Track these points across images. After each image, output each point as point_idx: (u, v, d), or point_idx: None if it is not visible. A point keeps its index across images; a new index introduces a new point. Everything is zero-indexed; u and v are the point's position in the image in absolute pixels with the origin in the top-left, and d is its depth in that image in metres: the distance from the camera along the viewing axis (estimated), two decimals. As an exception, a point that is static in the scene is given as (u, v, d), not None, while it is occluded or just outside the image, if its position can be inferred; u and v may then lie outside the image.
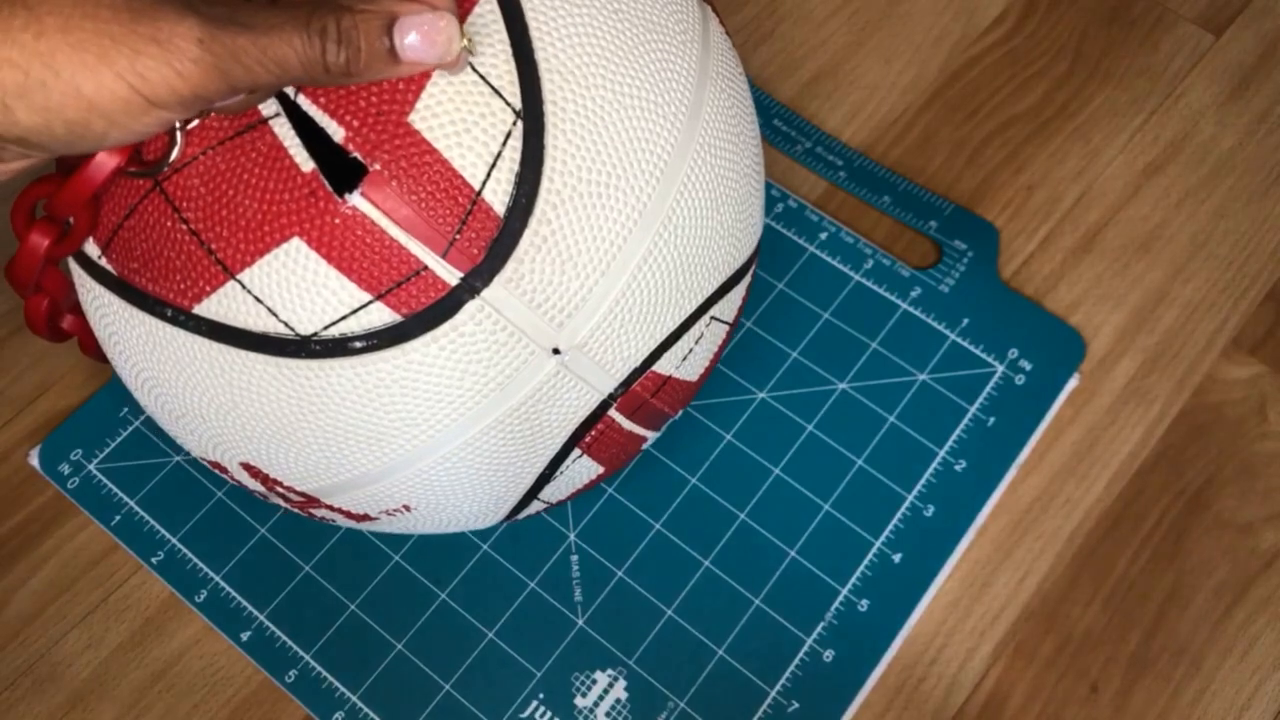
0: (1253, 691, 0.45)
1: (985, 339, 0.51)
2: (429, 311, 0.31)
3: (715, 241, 0.36)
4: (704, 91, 0.35)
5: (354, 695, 0.45)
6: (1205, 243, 0.54)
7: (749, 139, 0.38)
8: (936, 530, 0.47)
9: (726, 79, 0.37)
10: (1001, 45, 0.60)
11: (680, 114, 0.34)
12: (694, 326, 0.37)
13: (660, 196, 0.34)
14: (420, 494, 0.36)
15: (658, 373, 0.37)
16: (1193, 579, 0.47)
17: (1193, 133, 0.57)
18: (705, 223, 0.35)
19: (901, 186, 0.56)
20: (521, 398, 0.34)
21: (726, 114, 0.36)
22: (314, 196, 0.30)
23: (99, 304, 0.35)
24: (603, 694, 0.45)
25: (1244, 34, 0.60)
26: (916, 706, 0.45)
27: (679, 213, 0.34)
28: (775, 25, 0.61)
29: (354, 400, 0.32)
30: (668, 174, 0.34)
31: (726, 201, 0.36)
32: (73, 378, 0.51)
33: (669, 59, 0.34)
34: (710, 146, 0.35)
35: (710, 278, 0.37)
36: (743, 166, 0.37)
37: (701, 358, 0.40)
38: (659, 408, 0.39)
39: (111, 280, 0.34)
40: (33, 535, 0.48)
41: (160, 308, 0.33)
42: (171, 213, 0.32)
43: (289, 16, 0.27)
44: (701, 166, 0.35)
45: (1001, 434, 0.49)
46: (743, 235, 0.38)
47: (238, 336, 0.32)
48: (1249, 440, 0.50)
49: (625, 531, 0.47)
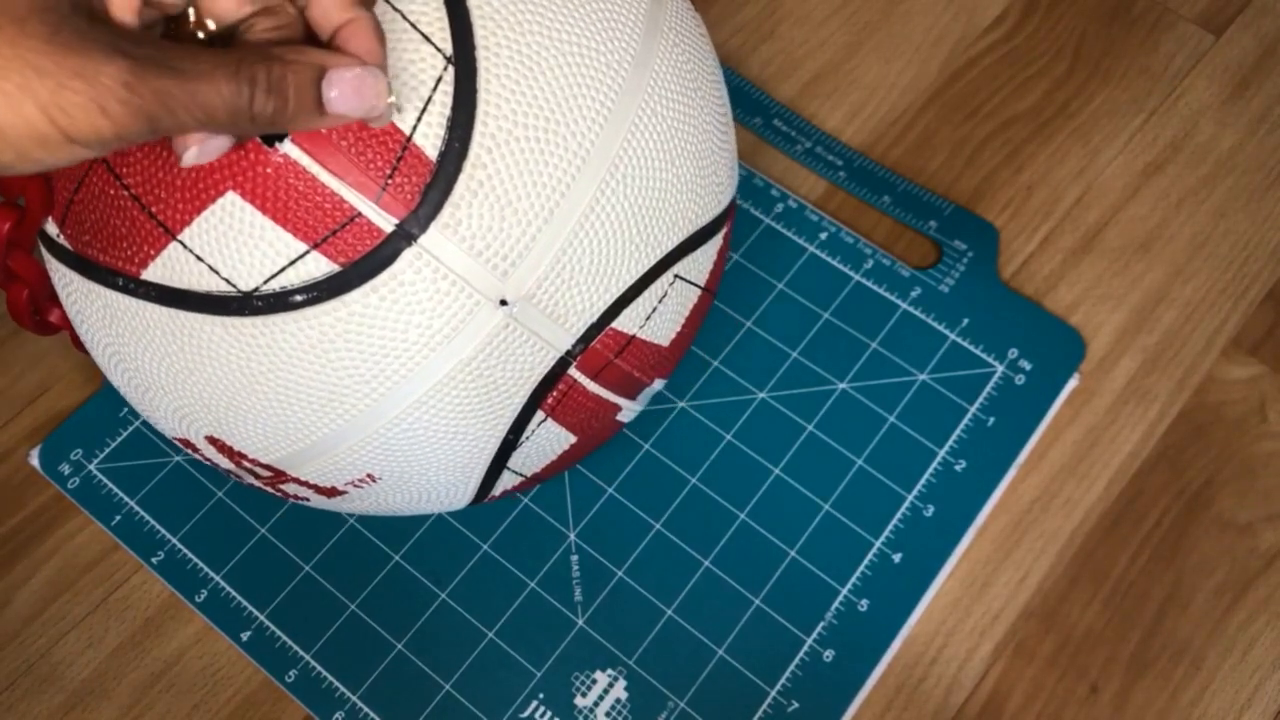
0: (1253, 691, 0.45)
1: (985, 339, 0.51)
2: (366, 260, 0.31)
3: (672, 195, 0.36)
4: (654, 42, 0.35)
5: (354, 695, 0.45)
6: (1205, 243, 0.54)
7: (709, 96, 0.38)
8: (936, 530, 0.47)
9: (681, 34, 0.37)
10: (1001, 45, 0.60)
11: (624, 63, 0.34)
12: (655, 283, 0.37)
13: (604, 144, 0.34)
14: (382, 461, 0.36)
15: (619, 330, 0.37)
16: (1193, 579, 0.47)
17: (1193, 133, 0.57)
18: (658, 174, 0.35)
19: (901, 186, 0.56)
20: (471, 351, 0.34)
21: (680, 68, 0.37)
22: (244, 148, 0.31)
23: (64, 283, 0.36)
24: (603, 694, 0.45)
25: (1244, 34, 0.60)
26: (916, 706, 0.45)
27: (626, 161, 0.34)
28: (775, 25, 0.61)
29: (301, 357, 0.33)
30: (611, 122, 0.34)
31: (683, 155, 0.36)
32: (73, 378, 0.51)
33: (613, 9, 0.34)
34: (661, 98, 0.35)
35: (669, 232, 0.37)
36: (701, 122, 0.37)
37: (669, 319, 0.39)
38: (628, 371, 0.39)
39: (70, 257, 0.34)
40: (33, 535, 0.48)
41: (112, 278, 0.33)
42: (114, 180, 0.32)
43: (219, 63, 0.27)
44: (651, 117, 0.35)
45: (1001, 434, 0.49)
46: (705, 191, 0.38)
47: (184, 299, 0.32)
48: (1249, 440, 0.50)
49: (625, 531, 0.47)
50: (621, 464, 0.49)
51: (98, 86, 0.25)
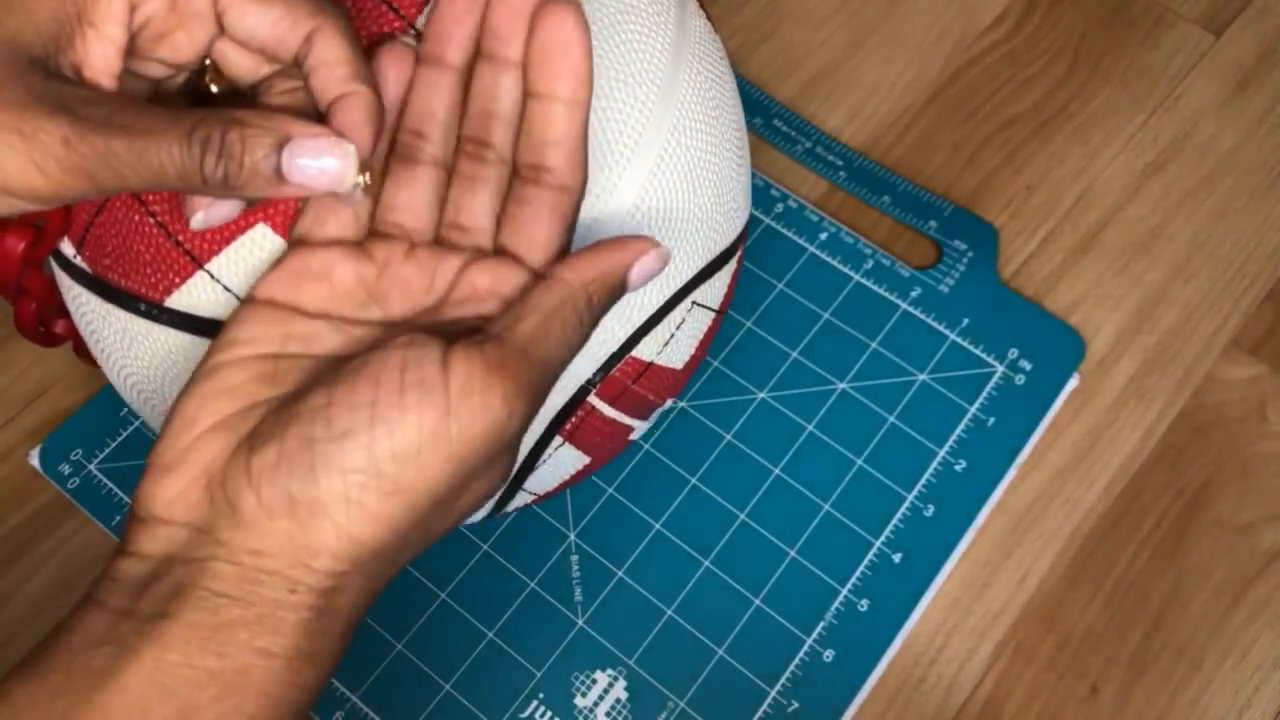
0: (1253, 692, 0.45)
1: (985, 339, 0.51)
2: None
3: (693, 226, 0.36)
4: (678, 74, 0.35)
5: (354, 695, 0.45)
6: (1205, 243, 0.54)
7: (729, 123, 0.38)
8: (936, 530, 0.47)
9: (704, 61, 0.37)
10: (1002, 45, 0.60)
11: (651, 96, 0.34)
12: (673, 312, 0.37)
13: (630, 180, 0.33)
14: None
15: (638, 358, 0.37)
16: (1193, 579, 0.47)
17: (1193, 133, 0.57)
18: (681, 207, 0.35)
19: (901, 186, 0.56)
20: None
21: (703, 97, 0.36)
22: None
23: (79, 303, 0.35)
24: (603, 694, 0.45)
25: (1244, 34, 0.60)
26: (916, 706, 0.45)
27: (651, 196, 0.34)
28: (775, 25, 0.61)
29: None
30: (638, 156, 0.34)
31: (704, 185, 0.36)
32: (73, 378, 0.51)
33: (641, 41, 0.34)
34: (685, 129, 0.35)
35: (689, 262, 0.37)
36: (722, 150, 0.37)
37: (685, 345, 0.39)
38: (643, 395, 0.39)
39: (87, 278, 0.34)
40: (33, 535, 0.48)
41: (134, 303, 0.33)
42: (138, 206, 0.32)
43: (172, 123, 0.26)
44: (676, 149, 0.35)
45: (1001, 434, 0.49)
46: (724, 220, 0.38)
47: (211, 327, 0.32)
48: (1249, 440, 0.50)
49: (625, 531, 0.47)
50: (621, 464, 0.49)
51: (34, 143, 0.25)
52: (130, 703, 0.25)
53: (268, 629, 0.26)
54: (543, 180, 0.30)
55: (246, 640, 0.25)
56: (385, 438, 0.25)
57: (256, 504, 0.26)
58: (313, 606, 0.26)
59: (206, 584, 0.26)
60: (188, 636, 0.25)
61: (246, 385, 0.28)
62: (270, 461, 0.26)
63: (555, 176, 0.30)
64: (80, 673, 0.25)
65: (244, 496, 0.26)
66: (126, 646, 0.25)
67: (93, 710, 0.24)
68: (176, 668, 0.25)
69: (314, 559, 0.26)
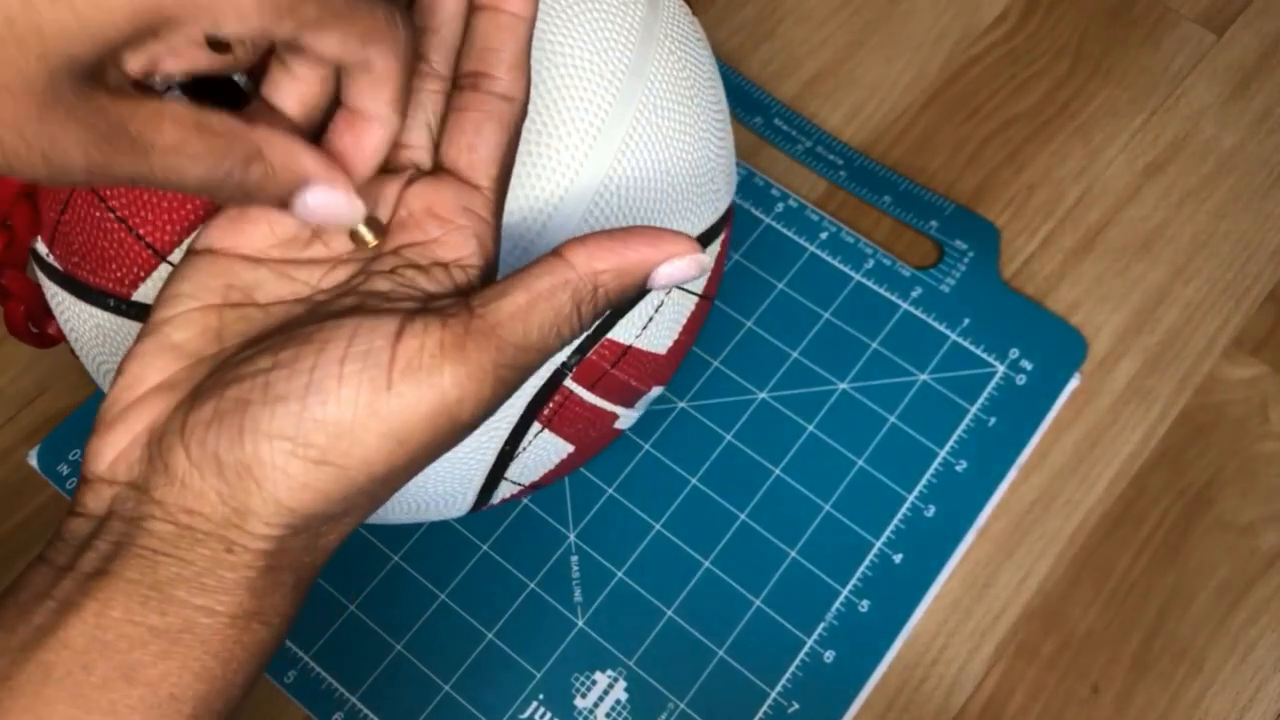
0: (1254, 692, 0.45)
1: (986, 339, 0.51)
2: None
3: (667, 206, 0.36)
4: (649, 51, 0.35)
5: (353, 696, 0.45)
6: (1206, 242, 0.54)
7: (706, 104, 0.38)
8: (937, 530, 0.47)
9: (677, 41, 0.37)
10: (1002, 45, 0.60)
11: (618, 74, 0.34)
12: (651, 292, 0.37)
13: (597, 157, 0.33)
14: None
15: (615, 340, 0.37)
16: (1194, 580, 0.47)
17: (1194, 132, 0.57)
18: (653, 186, 0.35)
19: (902, 186, 0.56)
20: None
21: (676, 76, 0.36)
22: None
23: (56, 301, 0.36)
24: (603, 695, 0.45)
25: (1245, 34, 0.60)
26: (917, 707, 0.45)
27: (620, 174, 0.34)
28: (775, 25, 0.61)
29: None
30: (605, 134, 0.33)
31: (679, 165, 0.36)
32: (71, 378, 0.51)
33: (606, 17, 0.34)
34: (656, 107, 0.35)
35: None
36: (698, 130, 0.37)
37: (667, 329, 0.39)
38: (624, 380, 0.39)
39: (60, 276, 0.34)
40: (32, 535, 0.48)
41: (104, 299, 0.33)
42: (98, 202, 0.32)
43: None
44: (646, 127, 0.34)
45: (1002, 434, 0.49)
46: (701, 201, 0.38)
47: None
48: (1250, 440, 0.50)
49: (625, 531, 0.47)
50: (621, 464, 0.49)
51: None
52: (71, 659, 0.24)
53: (208, 587, 0.25)
54: (482, 86, 0.29)
55: (186, 598, 0.25)
56: (318, 407, 0.24)
57: (187, 462, 0.25)
58: (253, 565, 0.25)
59: (144, 542, 0.25)
60: (129, 592, 0.25)
61: (191, 341, 0.27)
62: (204, 419, 0.25)
63: (497, 84, 0.29)
64: (23, 628, 0.25)
65: (176, 454, 0.25)
66: (69, 602, 0.25)
67: (33, 666, 0.24)
68: (118, 624, 0.25)
69: (244, 521, 0.25)
